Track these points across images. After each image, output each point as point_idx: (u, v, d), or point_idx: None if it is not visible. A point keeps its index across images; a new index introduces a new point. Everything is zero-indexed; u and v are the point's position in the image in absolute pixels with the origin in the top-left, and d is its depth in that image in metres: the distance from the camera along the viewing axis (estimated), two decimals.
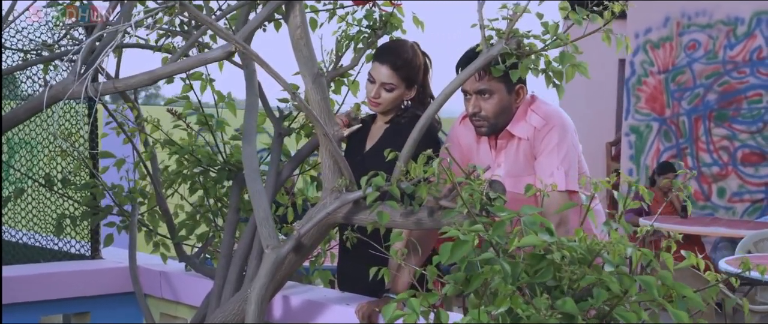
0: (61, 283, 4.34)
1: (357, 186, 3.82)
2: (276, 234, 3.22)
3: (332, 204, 3.16)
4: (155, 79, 3.14)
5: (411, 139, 3.11)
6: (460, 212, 2.83)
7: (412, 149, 3.11)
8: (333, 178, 3.23)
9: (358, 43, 3.97)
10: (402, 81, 3.76)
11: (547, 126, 3.47)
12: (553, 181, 3.40)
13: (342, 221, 3.25)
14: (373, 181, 3.02)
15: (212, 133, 4.10)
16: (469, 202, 2.81)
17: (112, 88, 3.16)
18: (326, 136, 3.12)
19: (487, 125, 3.52)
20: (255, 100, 3.68)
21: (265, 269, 3.13)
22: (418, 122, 3.11)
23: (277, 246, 3.16)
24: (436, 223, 3.11)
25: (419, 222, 3.12)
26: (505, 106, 3.49)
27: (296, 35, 3.18)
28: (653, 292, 2.29)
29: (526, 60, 3.07)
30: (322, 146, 3.24)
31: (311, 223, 3.17)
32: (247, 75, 3.74)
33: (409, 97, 3.84)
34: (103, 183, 4.38)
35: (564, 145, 3.47)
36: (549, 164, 3.44)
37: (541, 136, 3.47)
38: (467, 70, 3.08)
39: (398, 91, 3.77)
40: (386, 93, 3.76)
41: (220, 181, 4.08)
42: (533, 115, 3.50)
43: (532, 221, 2.52)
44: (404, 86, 3.78)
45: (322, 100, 3.18)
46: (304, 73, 3.18)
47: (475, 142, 3.65)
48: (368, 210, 3.18)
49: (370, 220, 3.15)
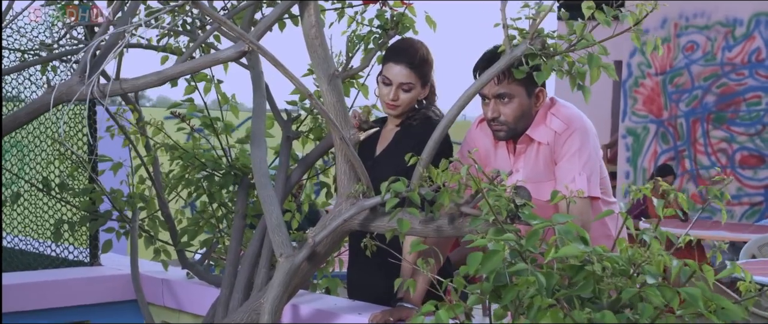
0: (60, 290, 4.20)
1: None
2: (289, 242, 3.09)
3: (348, 211, 3.04)
4: (164, 80, 3.01)
5: (431, 143, 2.98)
6: (486, 220, 2.71)
7: (432, 153, 2.99)
8: (349, 183, 3.11)
9: (369, 43, 3.84)
10: (419, 79, 3.65)
11: (569, 130, 3.36)
12: (574, 186, 3.30)
13: (358, 229, 3.12)
14: (392, 187, 2.89)
15: (217, 136, 3.96)
16: (496, 209, 2.70)
17: (119, 90, 3.03)
18: (343, 140, 3.00)
19: (507, 130, 3.40)
20: (262, 102, 3.56)
21: (279, 278, 3.00)
22: (439, 125, 2.98)
23: (291, 254, 3.03)
24: (457, 230, 2.99)
25: (439, 229, 2.99)
26: (525, 110, 3.38)
27: (311, 35, 3.05)
28: (699, 304, 2.18)
29: (551, 61, 2.95)
30: (337, 151, 3.11)
31: (326, 230, 3.04)
32: (254, 76, 3.61)
33: (423, 96, 3.73)
34: (102, 187, 4.24)
35: (586, 150, 3.35)
36: (570, 169, 3.33)
37: (561, 141, 3.36)
38: (489, 72, 2.96)
39: (415, 90, 3.66)
40: (404, 93, 3.65)
41: (226, 186, 3.95)
42: (554, 119, 3.39)
43: (566, 230, 2.40)
44: (420, 85, 3.66)
45: (337, 102, 3.05)
46: (319, 75, 3.05)
47: (492, 147, 3.53)
48: (386, 217, 3.05)
49: (389, 228, 3.02)
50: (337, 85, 3.07)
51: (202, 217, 4.08)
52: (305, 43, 3.07)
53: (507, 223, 2.70)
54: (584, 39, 2.90)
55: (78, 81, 3.06)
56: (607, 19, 2.85)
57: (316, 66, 3.06)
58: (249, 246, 3.66)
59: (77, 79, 3.06)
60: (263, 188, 3.22)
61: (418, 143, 3.61)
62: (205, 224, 4.08)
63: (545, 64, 2.95)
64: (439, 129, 2.99)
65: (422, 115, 3.71)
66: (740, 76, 10.00)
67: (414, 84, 3.64)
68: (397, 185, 2.89)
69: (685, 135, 10.38)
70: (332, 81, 3.06)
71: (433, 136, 2.99)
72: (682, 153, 10.39)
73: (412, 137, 3.62)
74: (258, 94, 3.57)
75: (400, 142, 3.67)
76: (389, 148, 3.74)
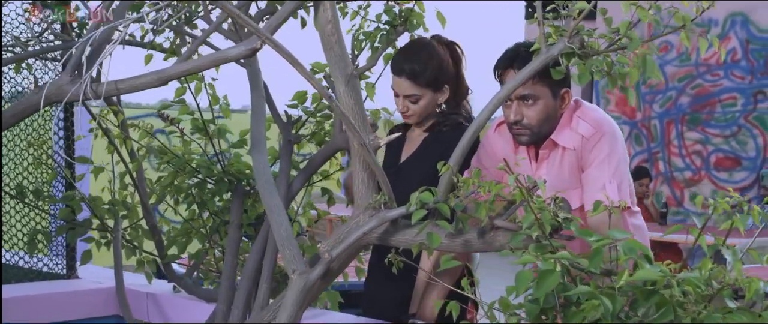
0: (36, 306, 3.89)
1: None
2: (302, 256, 2.83)
3: (368, 223, 2.78)
4: (165, 80, 2.74)
5: (459, 149, 2.74)
6: (529, 235, 2.47)
7: (461, 160, 2.75)
8: (368, 193, 2.85)
9: (376, 41, 3.58)
10: (426, 88, 3.42)
11: (597, 134, 3.13)
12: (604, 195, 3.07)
13: (376, 242, 2.87)
14: (419, 197, 2.64)
15: (210, 140, 3.68)
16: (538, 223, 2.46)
17: (115, 90, 2.75)
18: (363, 146, 2.74)
19: (530, 134, 3.16)
20: (262, 103, 3.29)
21: (292, 297, 2.73)
22: (468, 131, 2.73)
23: (305, 271, 2.77)
24: (488, 245, 2.74)
25: (467, 244, 2.75)
26: (550, 112, 3.14)
27: (327, 31, 2.78)
28: None
29: (589, 61, 2.72)
30: (355, 157, 2.85)
31: (344, 244, 2.78)
32: (251, 75, 3.34)
33: (442, 99, 3.48)
34: (82, 194, 3.93)
35: (615, 156, 3.13)
36: (600, 177, 3.10)
37: (590, 146, 3.13)
38: (524, 72, 2.71)
39: (425, 99, 3.42)
40: (413, 105, 3.42)
41: (220, 194, 3.67)
42: (581, 123, 3.16)
43: (629, 247, 2.17)
44: (431, 91, 3.43)
45: (356, 104, 2.79)
46: (335, 75, 2.79)
47: (512, 152, 3.29)
48: (409, 230, 2.80)
49: (413, 242, 2.77)
50: (355, 85, 2.81)
51: (192, 227, 3.79)
52: (320, 41, 2.81)
53: (552, 238, 2.48)
54: (628, 37, 2.67)
55: (68, 80, 2.78)
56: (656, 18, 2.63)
57: (332, 65, 2.80)
58: (248, 258, 3.39)
59: (68, 78, 2.78)
60: (269, 197, 2.94)
61: (446, 149, 3.35)
62: (195, 234, 3.80)
63: (583, 64, 2.73)
64: (467, 134, 2.74)
65: (453, 120, 3.48)
66: (715, 77, 9.87)
67: (420, 94, 3.42)
68: (425, 195, 2.65)
69: (659, 136, 10.23)
70: (350, 81, 2.80)
71: (461, 143, 2.74)
72: (656, 155, 10.24)
73: (441, 143, 3.39)
74: (256, 94, 3.30)
75: (428, 148, 3.45)
76: (416, 154, 3.50)
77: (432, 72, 3.42)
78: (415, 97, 3.43)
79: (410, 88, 3.42)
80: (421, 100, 3.42)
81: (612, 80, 2.75)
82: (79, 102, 2.72)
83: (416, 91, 3.42)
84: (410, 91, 3.42)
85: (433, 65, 3.43)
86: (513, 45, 3.18)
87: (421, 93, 3.41)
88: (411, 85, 3.42)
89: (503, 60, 3.13)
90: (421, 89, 3.41)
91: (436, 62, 3.44)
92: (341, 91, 2.80)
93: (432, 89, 3.42)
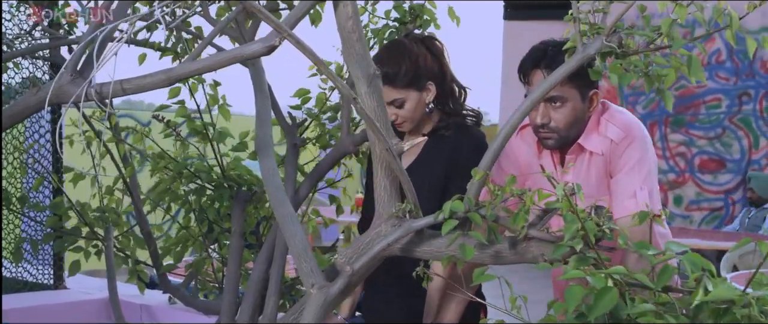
0: (23, 319, 3.67)
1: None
2: (319, 269, 2.64)
3: (393, 233, 2.59)
4: (174, 80, 2.53)
5: (490, 154, 2.56)
6: (572, 246, 2.31)
7: (490, 165, 2.57)
8: (390, 201, 2.66)
9: (384, 39, 3.41)
10: (408, 89, 3.18)
11: (627, 139, 2.96)
12: (635, 203, 2.91)
13: (399, 253, 2.69)
14: (449, 206, 2.47)
15: (211, 144, 3.49)
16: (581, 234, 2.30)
17: (120, 91, 2.55)
18: (389, 151, 2.55)
19: (557, 138, 2.99)
20: (267, 104, 3.10)
21: (312, 313, 2.54)
22: (498, 135, 2.55)
23: (325, 285, 2.58)
24: (520, 256, 2.56)
25: (498, 255, 2.57)
26: (578, 115, 2.97)
27: (347, 28, 2.59)
28: None
29: (626, 61, 2.56)
30: (377, 163, 2.66)
31: (367, 256, 2.60)
32: (255, 75, 3.15)
33: (429, 98, 3.26)
34: (70, 201, 3.72)
35: (646, 162, 2.96)
36: (630, 183, 2.93)
37: (619, 151, 2.96)
38: (558, 72, 2.53)
39: (410, 101, 3.19)
40: (400, 110, 3.20)
41: (221, 200, 3.47)
42: (610, 126, 2.98)
43: (692, 261, 2.01)
44: (414, 91, 3.20)
45: (378, 106, 2.60)
46: (356, 74, 2.60)
47: (535, 158, 3.12)
48: (434, 240, 2.62)
49: (441, 254, 2.59)
50: (377, 86, 2.62)
51: (190, 235, 3.59)
52: (340, 38, 2.62)
53: (597, 250, 2.31)
54: (670, 36, 2.51)
55: (70, 81, 2.58)
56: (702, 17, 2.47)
57: (352, 64, 2.60)
58: (254, 269, 3.20)
59: (68, 78, 2.58)
60: (281, 206, 2.75)
61: (452, 153, 3.19)
62: (193, 243, 3.60)
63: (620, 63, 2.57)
64: (498, 138, 2.56)
65: (455, 123, 3.28)
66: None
67: (403, 97, 3.19)
68: (456, 204, 2.47)
69: None
70: (373, 82, 2.61)
71: (491, 147, 2.56)
72: None
73: (446, 148, 3.20)
74: (261, 96, 3.10)
75: (430, 153, 3.24)
76: (419, 161, 3.29)
77: (408, 71, 3.19)
78: (399, 101, 3.20)
79: (390, 92, 3.18)
80: (407, 103, 3.19)
81: (649, 81, 2.59)
82: (81, 102, 2.51)
83: (397, 95, 3.19)
84: (391, 95, 3.18)
85: (409, 64, 3.20)
86: (539, 43, 3.01)
87: (403, 95, 3.18)
88: (390, 89, 3.18)
89: (530, 60, 2.95)
90: (402, 91, 3.17)
91: (411, 61, 3.21)
92: (363, 92, 2.60)
93: (415, 89, 3.19)
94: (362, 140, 3.36)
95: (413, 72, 3.17)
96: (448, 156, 3.16)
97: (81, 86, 2.54)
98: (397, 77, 3.15)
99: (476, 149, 3.23)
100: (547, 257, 2.50)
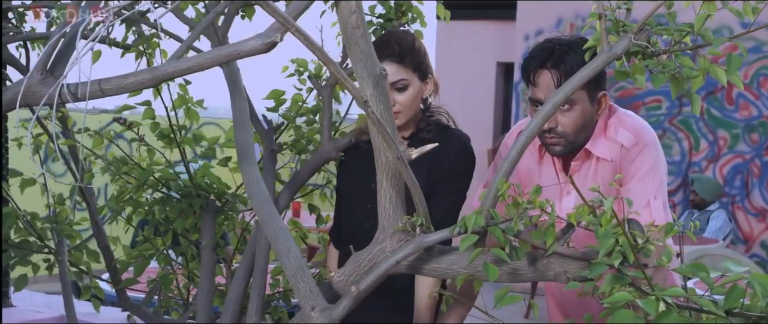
0: None
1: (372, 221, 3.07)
2: (318, 290, 2.40)
3: (402, 249, 2.36)
4: (160, 80, 2.28)
5: (509, 162, 2.33)
6: (610, 264, 2.10)
7: (508, 174, 2.35)
8: (396, 214, 2.43)
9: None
10: (414, 73, 2.96)
11: (639, 144, 2.77)
12: (649, 214, 2.72)
13: (406, 271, 2.46)
14: (467, 220, 2.24)
15: (180, 150, 3.21)
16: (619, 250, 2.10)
17: (98, 92, 2.27)
18: (399, 160, 2.32)
19: (564, 144, 2.78)
20: (244, 107, 2.85)
21: None
22: (518, 142, 2.32)
23: (328, 307, 2.34)
24: (539, 274, 2.35)
25: (516, 273, 2.36)
26: (587, 119, 2.77)
27: (351, 23, 2.34)
28: None
29: (652, 61, 2.36)
30: (382, 173, 2.43)
31: (373, 275, 2.35)
32: (229, 76, 2.90)
33: (427, 93, 3.04)
34: (17, 210, 3.40)
35: (659, 170, 2.78)
36: (644, 192, 2.73)
37: (631, 157, 2.76)
38: (582, 72, 2.32)
39: (413, 87, 2.96)
40: (400, 94, 2.95)
41: (190, 211, 3.20)
42: (620, 131, 2.79)
43: (761, 282, 1.82)
44: (418, 79, 2.98)
45: (385, 110, 2.36)
46: (361, 75, 2.35)
47: (537, 164, 2.92)
48: (446, 257, 2.40)
49: (453, 272, 2.37)
50: (384, 88, 2.38)
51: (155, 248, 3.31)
52: (343, 35, 2.37)
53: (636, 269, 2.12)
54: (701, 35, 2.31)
55: (40, 80, 2.29)
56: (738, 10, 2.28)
57: (357, 63, 2.36)
58: (231, 287, 2.94)
59: (38, 77, 2.29)
60: (270, 219, 2.49)
61: (436, 156, 2.93)
62: (157, 256, 3.32)
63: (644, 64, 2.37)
64: (517, 146, 2.33)
65: (435, 124, 3.04)
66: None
67: (408, 79, 2.94)
68: (477, 218, 2.25)
69: None
70: (379, 83, 2.37)
71: (509, 157, 2.33)
72: None
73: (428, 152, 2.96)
74: (238, 98, 2.86)
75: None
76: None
77: (418, 54, 2.97)
78: (403, 82, 2.95)
79: (397, 70, 2.93)
80: (410, 87, 2.94)
81: (676, 84, 2.39)
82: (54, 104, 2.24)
83: (404, 75, 2.94)
84: (396, 75, 2.93)
85: (418, 47, 2.99)
86: (544, 41, 2.80)
87: (408, 78, 2.94)
88: (397, 66, 2.93)
89: (535, 59, 2.74)
90: (409, 73, 2.94)
91: (419, 47, 3.00)
92: (369, 94, 2.36)
93: (419, 76, 2.97)
94: (346, 145, 3.13)
95: (421, 58, 2.96)
96: (432, 160, 2.92)
97: (53, 86, 2.26)
98: (408, 55, 2.92)
99: (462, 151, 3.02)
100: (570, 275, 2.31)
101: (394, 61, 2.93)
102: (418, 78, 2.97)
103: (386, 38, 3.02)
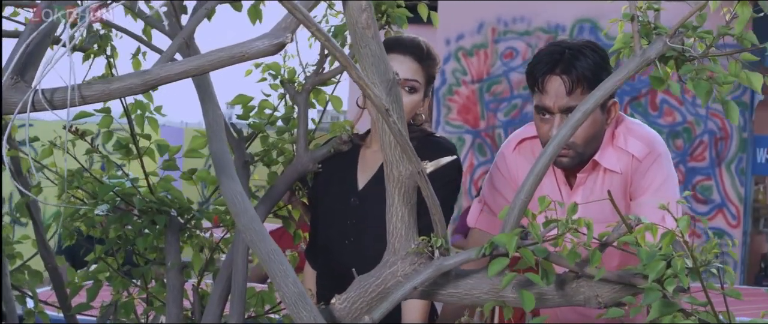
0: None
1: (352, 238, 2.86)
2: (323, 319, 2.15)
3: (419, 274, 2.13)
4: (150, 85, 2.01)
5: (533, 177, 2.13)
6: (662, 290, 1.91)
7: (533, 190, 2.15)
8: (408, 234, 2.20)
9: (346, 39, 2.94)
10: (425, 82, 2.80)
11: (652, 155, 2.59)
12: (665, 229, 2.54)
13: (419, 298, 2.23)
14: (497, 241, 2.03)
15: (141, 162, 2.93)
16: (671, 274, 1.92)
17: (79, 99, 1.99)
18: (420, 174, 2.09)
19: (573, 155, 2.59)
20: (218, 114, 2.58)
21: None
22: (545, 153, 2.12)
23: None
24: (567, 299, 2.16)
25: (541, 297, 2.16)
26: (597, 128, 2.58)
27: (361, 23, 2.11)
28: None
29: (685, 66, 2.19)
30: (393, 189, 2.20)
31: (387, 303, 2.12)
32: (199, 80, 2.63)
33: (423, 110, 2.86)
34: None
35: (672, 181, 2.61)
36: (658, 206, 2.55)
37: (643, 169, 2.59)
38: (615, 77, 2.13)
39: (418, 95, 2.80)
40: (408, 95, 2.76)
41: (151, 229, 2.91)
42: (631, 140, 2.61)
43: None
44: (423, 91, 2.81)
45: (399, 118, 2.14)
46: (372, 81, 2.12)
47: None
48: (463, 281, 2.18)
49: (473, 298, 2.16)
50: (397, 94, 2.16)
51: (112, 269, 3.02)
52: (351, 36, 2.14)
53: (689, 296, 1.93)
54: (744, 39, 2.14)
55: (11, 84, 2.00)
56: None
57: (368, 67, 2.13)
58: (206, 312, 2.68)
59: (10, 82, 2.00)
60: (261, 241, 2.23)
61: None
62: (115, 280, 3.03)
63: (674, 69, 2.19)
64: (543, 159, 2.13)
65: (419, 132, 2.84)
66: None
67: (420, 84, 2.78)
68: (503, 237, 2.03)
69: None
70: (393, 89, 2.14)
71: (535, 170, 2.13)
72: None
73: None
74: (211, 105, 2.59)
75: None
76: (377, 177, 2.83)
77: (434, 67, 2.83)
78: (414, 84, 2.78)
79: (415, 71, 2.76)
80: (417, 92, 2.78)
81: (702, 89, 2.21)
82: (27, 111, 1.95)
83: (419, 78, 2.78)
84: (413, 74, 2.76)
85: (436, 60, 2.84)
86: (551, 45, 2.61)
87: (421, 83, 2.78)
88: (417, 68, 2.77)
89: (543, 64, 2.55)
90: (423, 79, 2.79)
91: (436, 59, 2.85)
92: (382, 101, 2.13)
93: (426, 87, 2.82)
94: (324, 156, 2.89)
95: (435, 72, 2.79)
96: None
97: (26, 93, 1.97)
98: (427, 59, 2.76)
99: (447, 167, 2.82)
100: (602, 299, 2.12)
101: (415, 59, 2.76)
102: (424, 91, 2.81)
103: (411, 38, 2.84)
